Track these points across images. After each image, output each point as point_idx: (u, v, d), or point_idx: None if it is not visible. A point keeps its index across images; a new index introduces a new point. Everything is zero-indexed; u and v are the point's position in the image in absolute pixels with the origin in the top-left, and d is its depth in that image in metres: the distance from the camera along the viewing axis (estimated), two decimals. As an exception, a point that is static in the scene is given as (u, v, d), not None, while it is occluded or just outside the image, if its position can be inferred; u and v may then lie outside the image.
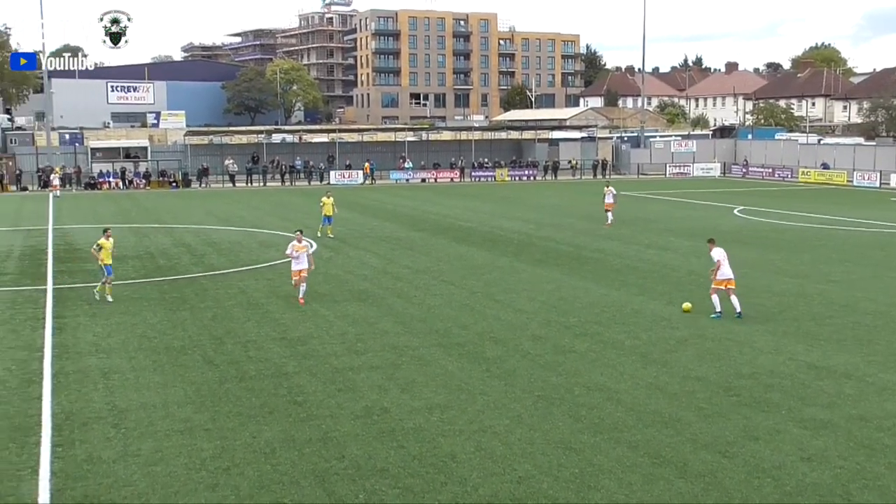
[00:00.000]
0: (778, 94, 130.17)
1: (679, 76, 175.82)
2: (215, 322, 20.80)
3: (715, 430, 13.46)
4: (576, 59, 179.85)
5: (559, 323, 20.79)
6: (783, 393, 15.34)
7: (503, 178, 75.24)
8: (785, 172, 75.31)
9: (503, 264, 29.44)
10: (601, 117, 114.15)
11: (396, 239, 36.08)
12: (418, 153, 79.06)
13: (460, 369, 16.88)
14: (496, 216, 45.18)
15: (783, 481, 11.61)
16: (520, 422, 13.88)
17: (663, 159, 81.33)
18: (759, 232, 38.64)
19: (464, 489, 11.39)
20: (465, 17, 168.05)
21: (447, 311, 22.03)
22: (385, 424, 13.74)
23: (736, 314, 21.03)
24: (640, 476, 11.75)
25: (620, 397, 15.12)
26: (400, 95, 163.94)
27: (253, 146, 76.27)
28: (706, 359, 17.57)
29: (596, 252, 32.26)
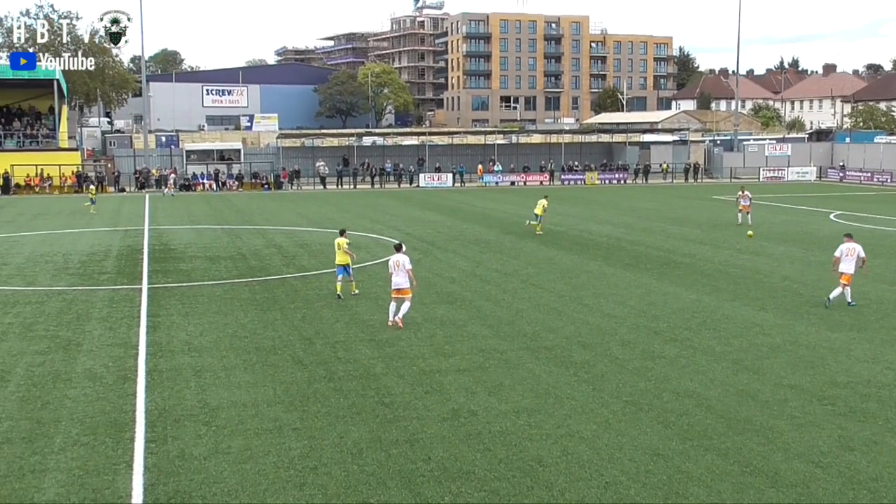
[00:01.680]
0: (878, 97, 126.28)
1: (774, 78, 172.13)
2: (305, 323, 21.15)
3: (808, 440, 13.17)
4: (668, 62, 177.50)
5: (648, 328, 20.58)
6: (880, 403, 14.92)
7: (593, 182, 74.74)
8: (884, 177, 73.09)
9: (592, 268, 29.25)
10: (693, 120, 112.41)
11: (485, 242, 36.15)
12: (508, 156, 79.05)
13: (548, 373, 16.85)
14: (585, 219, 44.91)
15: (880, 494, 11.30)
16: (607, 427, 13.79)
17: (757, 163, 79.72)
18: (857, 237, 37.51)
19: (550, 494, 11.37)
20: (557, 20, 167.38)
21: (535, 315, 21.99)
22: (472, 427, 13.79)
23: (834, 297, 22.65)
24: (730, 484, 11.57)
25: (710, 404, 14.90)
26: (490, 98, 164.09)
27: (344, 149, 77.32)
28: (800, 366, 17.20)
29: (686, 256, 31.81)
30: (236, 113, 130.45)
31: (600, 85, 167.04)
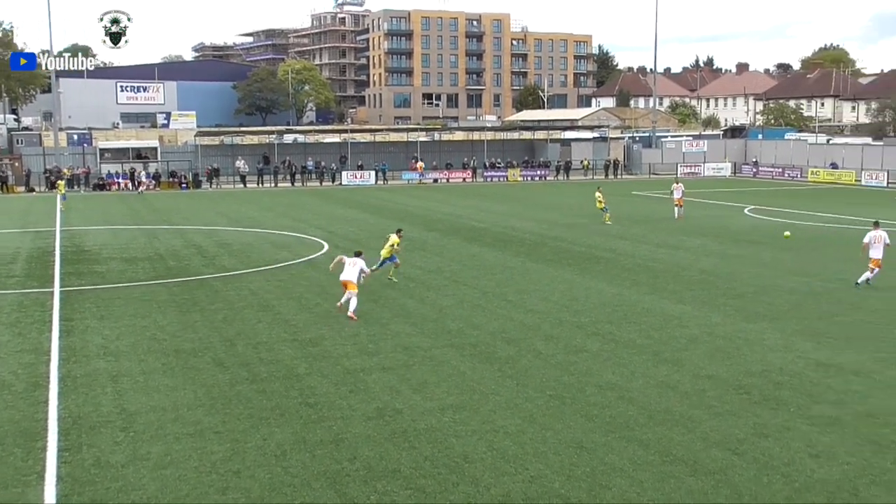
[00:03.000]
0: (788, 95, 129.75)
1: (690, 76, 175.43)
2: (226, 324, 20.89)
3: (726, 428, 13.49)
4: (588, 60, 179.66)
5: (571, 322, 20.83)
6: (792, 391, 15.37)
7: (515, 179, 75.27)
8: (795, 172, 75.16)
9: (515, 264, 29.48)
10: (613, 117, 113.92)
11: (408, 239, 36.02)
12: (430, 154, 79.10)
13: (472, 369, 16.94)
14: (508, 216, 45.22)
15: (792, 478, 11.65)
16: (532, 421, 13.93)
17: (675, 159, 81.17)
18: (770, 231, 38.56)
19: (476, 489, 11.44)
20: (478, 18, 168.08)
21: (459, 312, 22.08)
22: (397, 425, 13.80)
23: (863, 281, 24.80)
24: (652, 474, 11.80)
25: (632, 396, 15.16)
26: (412, 95, 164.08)
27: (264, 147, 76.42)
28: (717, 357, 17.60)
29: (608, 252, 32.27)
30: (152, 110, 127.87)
31: (521, 82, 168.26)
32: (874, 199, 55.24)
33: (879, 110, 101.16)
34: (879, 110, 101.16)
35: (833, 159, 74.26)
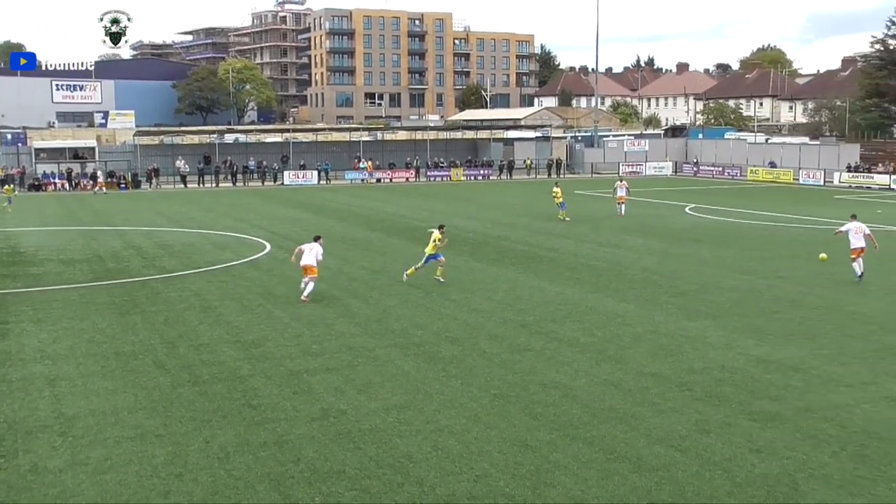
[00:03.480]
0: (727, 95, 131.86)
1: (631, 76, 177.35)
2: (167, 326, 20.59)
3: (668, 425, 13.63)
4: (530, 59, 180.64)
5: (515, 321, 20.89)
6: (734, 387, 15.58)
7: (458, 178, 75.41)
8: (734, 171, 76.43)
9: (459, 264, 29.49)
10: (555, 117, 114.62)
11: (352, 239, 36.01)
12: (373, 153, 78.88)
13: (417, 369, 16.90)
14: (451, 216, 45.21)
15: (734, 473, 11.80)
16: (476, 420, 13.93)
17: (617, 158, 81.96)
18: (710, 229, 39.13)
19: (421, 489, 11.41)
20: (420, 17, 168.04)
21: (403, 312, 22.03)
22: (341, 426, 13.71)
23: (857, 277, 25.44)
24: (596, 472, 11.86)
25: (576, 394, 15.25)
26: (355, 95, 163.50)
27: (205, 146, 75.54)
28: (660, 355, 17.78)
29: (551, 251, 32.45)
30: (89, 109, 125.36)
31: (464, 82, 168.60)
32: (811, 198, 56.36)
33: (816, 110, 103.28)
34: (816, 110, 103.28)
35: (772, 158, 75.62)
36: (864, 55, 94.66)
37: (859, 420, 13.82)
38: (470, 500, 11.09)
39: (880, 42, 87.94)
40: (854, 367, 16.84)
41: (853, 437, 13.10)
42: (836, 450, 12.59)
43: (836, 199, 56.12)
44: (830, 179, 68.17)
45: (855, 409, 14.36)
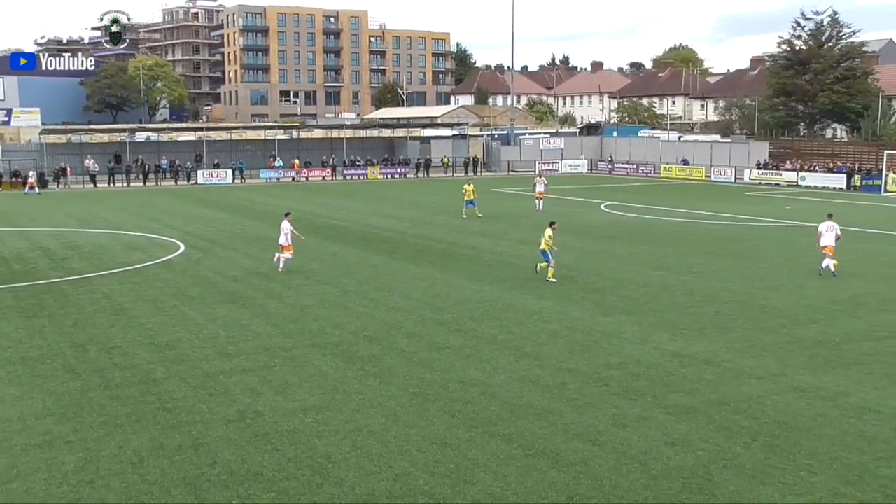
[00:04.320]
0: (641, 93, 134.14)
1: (547, 75, 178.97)
2: (77, 329, 20.04)
3: (586, 420, 13.77)
4: (446, 58, 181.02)
5: (433, 320, 20.89)
6: (649, 381, 15.82)
7: (375, 176, 75.17)
8: (648, 168, 77.82)
9: (377, 262, 29.40)
10: (472, 115, 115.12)
11: (268, 239, 35.54)
12: (289, 151, 78.11)
13: (335, 369, 16.77)
14: (369, 214, 45.08)
15: (650, 466, 11.98)
16: (396, 420, 13.88)
17: (533, 156, 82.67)
18: (626, 226, 39.73)
19: (340, 489, 11.32)
20: (336, 14, 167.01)
21: (321, 311, 21.85)
22: (259, 428, 13.52)
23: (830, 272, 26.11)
24: (515, 468, 11.91)
25: (495, 391, 15.30)
26: (269, 93, 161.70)
27: (115, 145, 73.78)
28: (577, 351, 17.96)
29: (469, 248, 32.56)
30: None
31: (380, 80, 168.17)
32: (723, 194, 57.64)
33: (727, 108, 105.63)
34: (727, 108, 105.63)
35: (684, 156, 77.11)
36: (772, 55, 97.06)
37: (770, 411, 14.17)
38: (389, 499, 11.03)
39: (787, 43, 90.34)
40: (765, 359, 17.26)
41: (764, 427, 13.42)
42: (748, 440, 12.88)
43: (747, 195, 57.53)
44: (741, 176, 69.87)
45: (766, 400, 14.71)
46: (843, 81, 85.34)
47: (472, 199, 43.03)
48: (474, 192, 43.59)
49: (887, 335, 19.18)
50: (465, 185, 44.53)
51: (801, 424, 13.56)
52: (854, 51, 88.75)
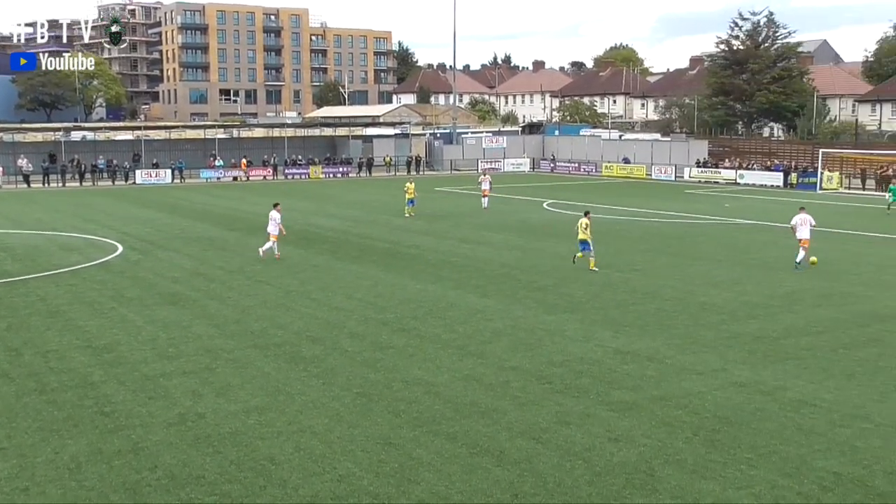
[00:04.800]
0: (582, 92, 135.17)
1: (489, 74, 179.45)
2: (11, 332, 19.57)
3: (529, 418, 13.81)
4: (388, 56, 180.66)
5: (377, 319, 20.81)
6: (592, 378, 15.93)
7: (317, 176, 74.72)
8: (590, 167, 78.46)
9: (319, 262, 29.22)
10: (414, 114, 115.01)
11: (208, 239, 35.18)
12: (229, 151, 77.27)
13: (277, 370, 16.62)
14: (311, 214, 44.78)
15: (593, 462, 12.05)
16: (339, 420, 13.79)
17: (475, 155, 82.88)
18: (568, 225, 39.91)
19: (284, 491, 11.21)
20: (276, 12, 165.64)
21: (263, 312, 21.64)
22: (200, 430, 13.34)
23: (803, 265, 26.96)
24: (459, 467, 11.91)
25: (439, 390, 15.28)
26: (209, 91, 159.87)
27: (50, 144, 72.30)
28: (520, 349, 18.02)
29: (412, 248, 32.51)
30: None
31: (322, 78, 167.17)
32: (663, 192, 58.34)
33: (666, 107, 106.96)
34: (666, 107, 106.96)
35: (625, 154, 77.88)
36: (711, 55, 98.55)
37: (710, 406, 14.35)
38: (333, 500, 10.96)
39: (725, 43, 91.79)
40: (705, 355, 17.49)
41: (705, 422, 13.59)
42: (690, 435, 13.03)
43: (687, 193, 58.30)
44: (681, 174, 70.76)
45: (706, 395, 14.90)
46: (779, 81, 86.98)
47: (412, 197, 43.07)
48: (415, 191, 43.65)
49: (823, 330, 19.56)
50: (408, 184, 44.53)
51: (741, 419, 13.76)
52: (790, 51, 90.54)
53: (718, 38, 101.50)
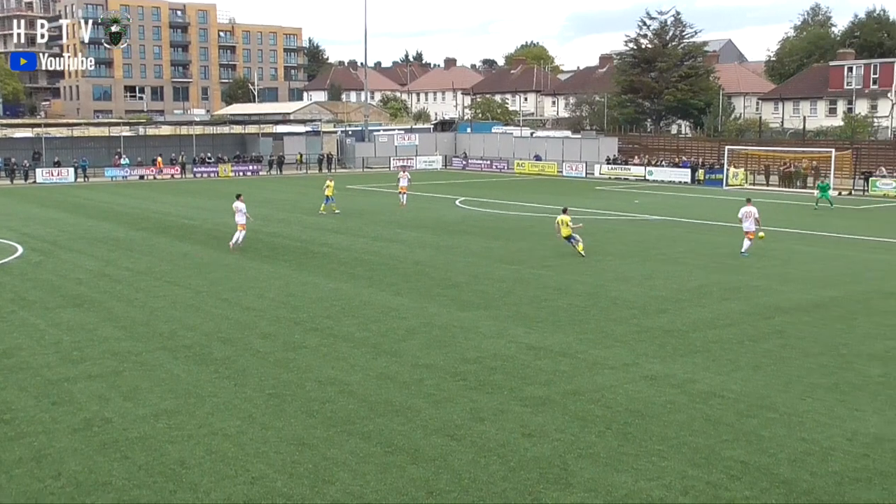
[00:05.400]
0: (494, 90, 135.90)
1: (401, 71, 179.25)
2: None
3: (444, 415, 13.80)
4: (298, 53, 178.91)
5: (289, 319, 20.57)
6: (506, 374, 16.00)
7: (227, 174, 73.62)
8: (502, 164, 79.02)
9: (230, 262, 28.76)
10: (325, 111, 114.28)
11: (114, 239, 34.32)
12: (135, 149, 75.57)
13: (188, 372, 16.28)
14: (221, 213, 44.02)
15: (508, 458, 12.10)
16: (252, 421, 13.58)
17: (387, 153, 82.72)
18: (480, 221, 40.18)
19: (195, 495, 10.97)
20: (183, 7, 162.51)
21: (172, 313, 21.19)
22: (107, 436, 12.98)
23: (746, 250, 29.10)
24: (374, 466, 11.83)
25: (353, 389, 15.17)
26: (113, 88, 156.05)
27: (-58, 142, 69.83)
28: (434, 346, 18.00)
29: (324, 246, 32.25)
30: None
31: (231, 75, 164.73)
32: (575, 189, 59.04)
33: (577, 105, 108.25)
34: (577, 105, 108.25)
35: (537, 151, 78.66)
36: (620, 53, 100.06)
37: (622, 400, 14.55)
38: (247, 503, 10.78)
39: (634, 41, 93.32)
40: (617, 349, 17.73)
41: (617, 416, 13.77)
42: (602, 429, 13.18)
43: (598, 189, 59.15)
44: (592, 171, 71.79)
45: (618, 389, 15.11)
46: (686, 79, 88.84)
47: (331, 195, 42.99)
48: (334, 189, 43.56)
49: (730, 323, 20.02)
50: (328, 181, 44.39)
51: (652, 411, 13.98)
52: (696, 50, 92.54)
53: (627, 36, 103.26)
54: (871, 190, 55.39)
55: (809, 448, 12.25)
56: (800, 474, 11.58)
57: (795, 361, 16.89)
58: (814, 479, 11.37)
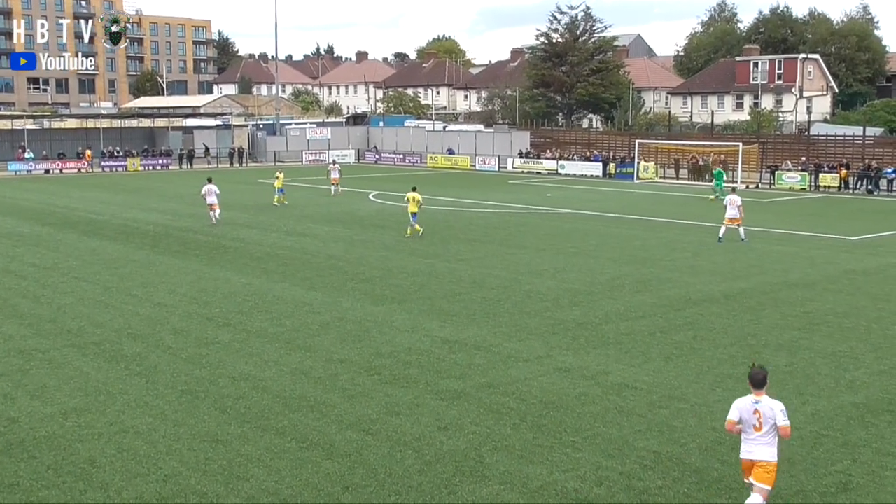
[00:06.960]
0: (406, 83, 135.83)
1: (312, 64, 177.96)
2: None
3: (359, 410, 13.82)
4: (208, 46, 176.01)
5: (201, 315, 20.31)
6: (421, 368, 16.08)
7: (136, 168, 72.11)
8: (414, 158, 79.08)
9: (139, 257, 28.23)
10: (236, 105, 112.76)
11: (19, 235, 33.38)
12: (40, 142, 73.47)
13: (97, 369, 15.97)
14: (130, 207, 43.21)
15: (423, 451, 12.18)
16: (164, 419, 13.40)
17: (299, 146, 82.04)
18: (394, 215, 40.14)
19: (106, 495, 10.80)
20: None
21: (80, 310, 20.73)
22: (13, 436, 12.66)
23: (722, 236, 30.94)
24: (289, 461, 11.79)
25: (266, 385, 15.08)
26: (15, 80, 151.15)
27: None
28: (348, 341, 17.99)
29: (235, 241, 31.88)
30: None
31: (138, 68, 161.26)
32: (488, 183, 59.41)
33: (489, 99, 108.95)
34: (489, 99, 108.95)
35: (450, 145, 78.90)
36: (531, 47, 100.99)
37: (536, 392, 14.76)
38: (159, 501, 10.64)
39: (545, 35, 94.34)
40: (530, 342, 17.96)
41: (531, 408, 13.96)
42: (517, 421, 13.36)
43: (511, 183, 59.62)
44: (504, 165, 72.29)
45: (532, 381, 15.31)
46: (597, 74, 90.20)
47: (281, 186, 44.74)
48: (283, 181, 45.32)
49: (642, 315, 20.43)
50: (277, 173, 46.44)
51: (566, 403, 14.21)
52: (606, 44, 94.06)
53: (538, 30, 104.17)
54: (777, 183, 56.97)
55: (720, 437, 12.56)
56: (710, 463, 11.91)
57: (706, 352, 17.32)
58: (724, 468, 11.69)
